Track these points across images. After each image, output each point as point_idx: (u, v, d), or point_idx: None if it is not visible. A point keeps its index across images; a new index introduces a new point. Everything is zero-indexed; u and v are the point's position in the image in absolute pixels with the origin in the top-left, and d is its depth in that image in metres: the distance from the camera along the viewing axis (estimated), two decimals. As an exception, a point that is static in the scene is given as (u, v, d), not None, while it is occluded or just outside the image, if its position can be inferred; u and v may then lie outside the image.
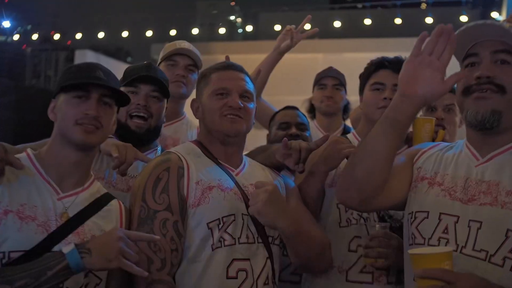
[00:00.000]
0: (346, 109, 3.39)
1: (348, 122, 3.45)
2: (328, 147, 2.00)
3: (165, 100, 2.28)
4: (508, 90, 1.58)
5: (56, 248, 1.61)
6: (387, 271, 1.98)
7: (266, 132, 2.86)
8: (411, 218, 1.69)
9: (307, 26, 3.04)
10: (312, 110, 3.45)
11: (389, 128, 1.57)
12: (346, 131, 3.15)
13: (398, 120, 1.55)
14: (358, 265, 2.00)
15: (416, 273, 1.42)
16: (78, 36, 12.53)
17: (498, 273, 1.50)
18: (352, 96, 3.08)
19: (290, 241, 1.85)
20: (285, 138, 2.01)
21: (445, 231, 1.60)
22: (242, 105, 1.89)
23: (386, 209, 1.85)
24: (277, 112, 2.70)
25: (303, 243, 1.85)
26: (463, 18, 10.19)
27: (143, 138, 2.21)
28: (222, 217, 1.80)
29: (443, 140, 2.21)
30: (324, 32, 10.20)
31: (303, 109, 3.16)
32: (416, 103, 1.54)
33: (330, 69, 3.41)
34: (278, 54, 2.94)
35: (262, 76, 2.80)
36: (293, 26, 2.95)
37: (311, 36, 3.07)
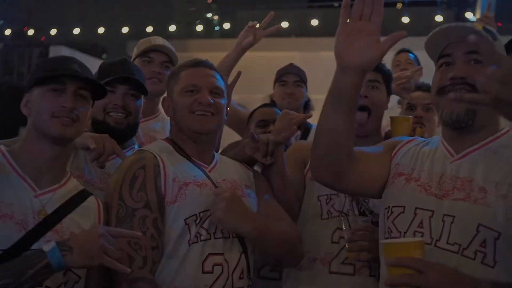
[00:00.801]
0: (306, 105, 3.38)
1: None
2: (279, 119, 2.01)
3: (142, 97, 2.27)
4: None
5: (35, 246, 1.59)
6: (369, 263, 1.99)
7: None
8: (388, 212, 1.72)
9: (285, 24, 3.02)
10: None
11: (337, 103, 1.57)
12: (307, 127, 3.15)
13: (343, 94, 1.55)
14: (340, 257, 2.02)
15: (388, 261, 1.44)
16: (53, 32, 12.29)
17: (470, 266, 1.54)
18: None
19: (256, 243, 1.87)
20: (251, 131, 2.01)
21: (420, 225, 1.63)
22: (212, 101, 1.89)
23: (361, 192, 1.85)
24: (255, 110, 2.70)
25: (270, 243, 1.86)
26: (438, 18, 10.29)
27: (123, 133, 2.19)
28: (199, 213, 1.81)
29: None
30: (301, 30, 10.21)
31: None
32: (356, 73, 1.53)
33: (291, 65, 3.40)
34: (241, 51, 2.86)
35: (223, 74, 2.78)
36: (256, 22, 2.93)
37: (288, 34, 3.05)
